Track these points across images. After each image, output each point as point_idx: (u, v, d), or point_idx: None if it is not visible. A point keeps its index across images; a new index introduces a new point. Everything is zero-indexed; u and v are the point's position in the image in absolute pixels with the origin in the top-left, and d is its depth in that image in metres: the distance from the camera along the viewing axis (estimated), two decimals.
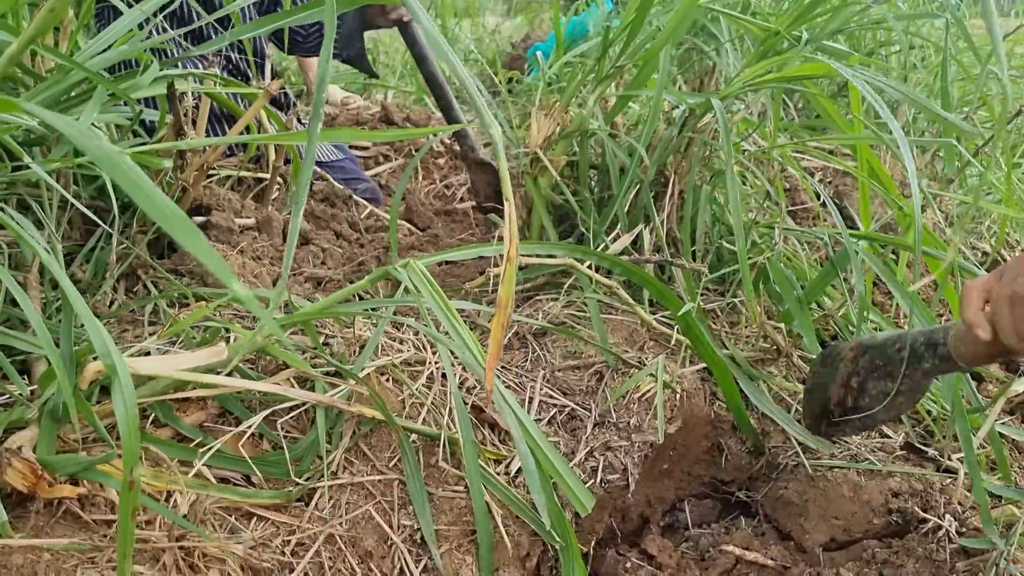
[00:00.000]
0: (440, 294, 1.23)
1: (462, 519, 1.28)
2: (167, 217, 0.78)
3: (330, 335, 1.48)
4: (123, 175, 0.83)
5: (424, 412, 1.38)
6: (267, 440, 1.27)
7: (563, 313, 1.71)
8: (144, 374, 1.13)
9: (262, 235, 1.86)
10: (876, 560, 1.43)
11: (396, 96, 3.84)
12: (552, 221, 1.89)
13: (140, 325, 1.46)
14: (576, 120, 1.77)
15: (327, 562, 1.17)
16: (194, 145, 1.54)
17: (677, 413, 1.61)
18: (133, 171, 0.83)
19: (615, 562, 1.55)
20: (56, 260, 1.27)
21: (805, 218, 2.52)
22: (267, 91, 1.70)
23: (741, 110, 1.86)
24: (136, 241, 1.60)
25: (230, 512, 1.16)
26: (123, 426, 0.90)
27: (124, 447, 0.89)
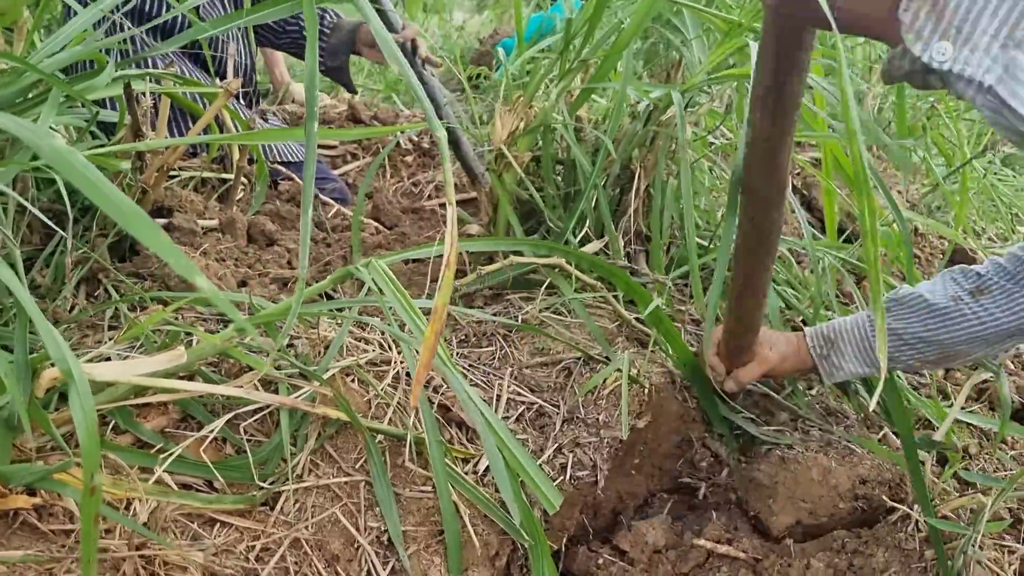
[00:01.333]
0: (403, 293, 1.22)
1: (430, 519, 1.27)
2: (125, 215, 0.76)
3: (295, 336, 1.46)
4: (78, 175, 0.81)
5: (390, 412, 1.37)
6: (230, 444, 1.25)
7: (532, 311, 1.70)
8: (102, 380, 1.11)
9: (226, 236, 1.84)
10: (846, 550, 1.43)
11: (363, 94, 3.81)
12: (518, 217, 1.88)
13: (100, 330, 1.43)
14: (540, 115, 1.76)
15: (292, 567, 1.15)
16: (152, 146, 1.52)
17: (646, 408, 1.61)
18: (88, 170, 0.81)
19: (587, 559, 1.54)
20: (10, 266, 1.24)
21: None
22: (227, 90, 1.68)
23: (705, 103, 1.85)
24: (96, 245, 1.57)
25: (192, 519, 1.14)
26: (82, 432, 0.88)
27: (84, 453, 0.87)
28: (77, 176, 0.80)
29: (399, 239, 2.24)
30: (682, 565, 1.53)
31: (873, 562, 1.38)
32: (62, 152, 0.82)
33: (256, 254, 1.84)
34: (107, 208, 0.76)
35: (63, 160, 0.82)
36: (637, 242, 1.84)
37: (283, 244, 1.93)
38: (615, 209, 1.84)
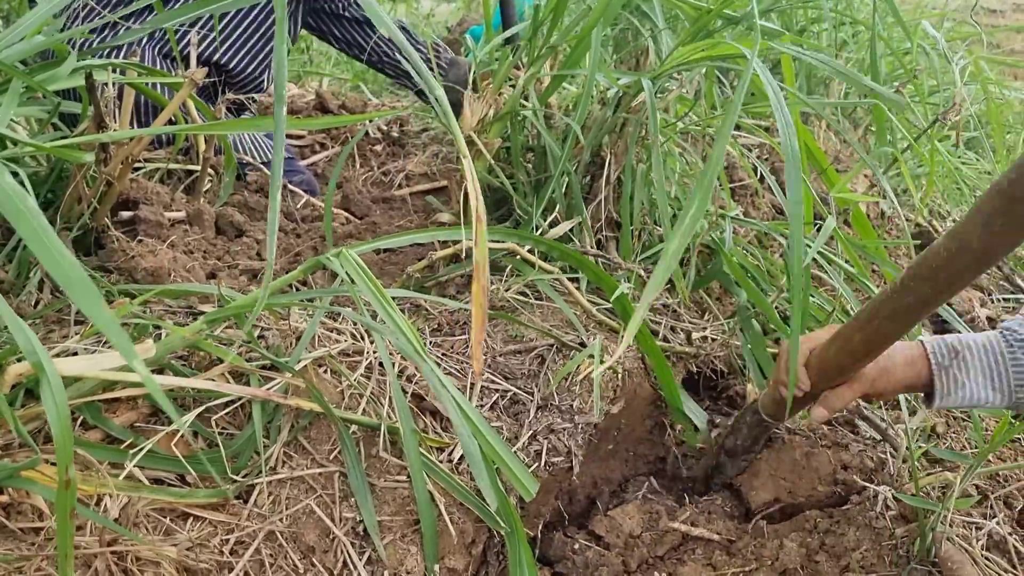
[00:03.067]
0: (374, 282, 1.21)
1: (405, 509, 1.26)
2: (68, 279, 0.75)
3: (265, 328, 1.45)
4: (26, 225, 0.80)
5: (364, 403, 1.36)
6: (202, 438, 1.24)
7: (504, 297, 1.70)
8: (69, 375, 1.09)
9: (193, 228, 1.82)
10: (818, 530, 1.45)
11: (331, 83, 3.78)
12: (488, 204, 1.88)
13: (66, 325, 1.41)
14: (509, 102, 1.75)
15: (268, 559, 1.15)
16: (116, 137, 1.49)
17: (620, 394, 1.62)
18: (35, 221, 0.80)
19: (563, 544, 1.54)
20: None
21: (744, 195, 2.54)
22: (192, 79, 1.65)
23: (674, 89, 1.86)
24: (60, 239, 1.54)
25: (165, 514, 1.13)
26: (55, 425, 0.86)
27: (57, 445, 0.85)
28: (25, 226, 0.79)
29: (370, 228, 2.23)
30: (657, 548, 1.54)
31: (845, 541, 1.39)
32: (10, 195, 0.80)
33: (225, 245, 1.82)
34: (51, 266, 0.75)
35: (11, 205, 0.80)
36: (608, 229, 1.84)
37: (252, 235, 1.91)
38: (586, 196, 1.84)
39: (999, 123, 3.14)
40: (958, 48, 3.28)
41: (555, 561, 1.53)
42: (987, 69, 3.29)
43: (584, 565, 1.49)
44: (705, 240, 1.89)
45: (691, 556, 1.52)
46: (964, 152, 3.37)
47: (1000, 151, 3.34)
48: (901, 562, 1.34)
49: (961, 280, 1.08)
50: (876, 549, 1.37)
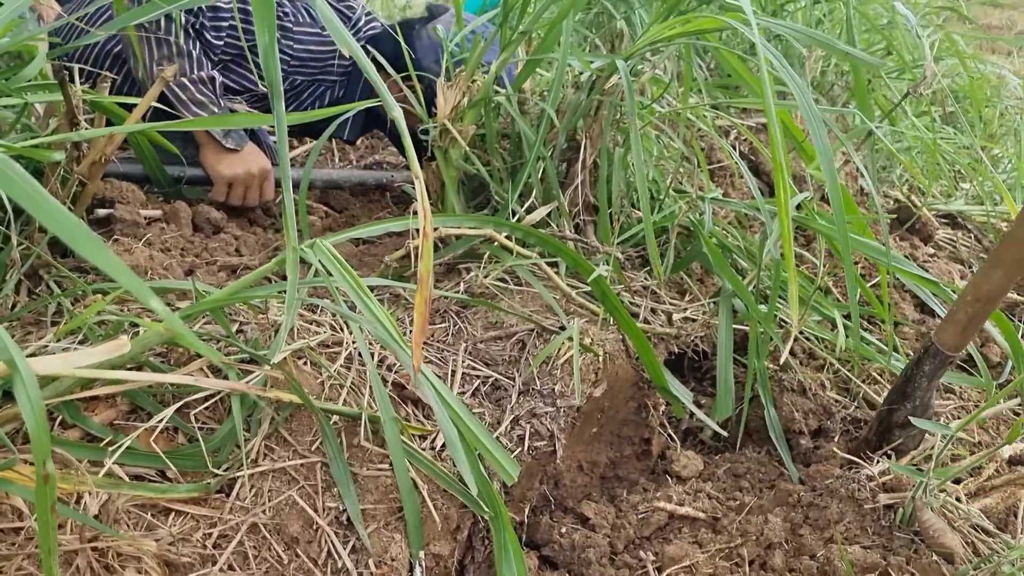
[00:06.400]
0: (350, 272, 1.21)
1: (389, 497, 1.26)
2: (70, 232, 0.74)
3: (244, 322, 1.44)
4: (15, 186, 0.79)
5: (344, 393, 1.36)
6: (182, 433, 1.24)
7: (484, 284, 1.70)
8: (43, 374, 1.09)
9: (170, 226, 1.81)
10: (802, 503, 1.46)
11: None
12: (467, 193, 1.87)
13: (44, 326, 1.40)
14: (482, 89, 1.75)
15: (251, 551, 1.15)
16: (88, 136, 1.48)
17: (602, 376, 1.62)
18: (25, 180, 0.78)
19: (549, 528, 1.55)
20: None
21: (723, 176, 2.54)
22: (163, 78, 1.65)
23: (647, 70, 1.85)
24: (36, 241, 1.54)
25: (146, 509, 1.13)
26: (30, 420, 0.86)
27: (33, 439, 0.85)
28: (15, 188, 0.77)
29: (349, 222, 2.23)
30: (644, 529, 1.55)
31: (828, 513, 1.40)
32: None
33: (203, 243, 1.82)
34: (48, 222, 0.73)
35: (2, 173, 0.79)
36: (586, 213, 1.84)
37: (230, 232, 1.90)
38: (563, 181, 1.84)
39: (977, 97, 3.15)
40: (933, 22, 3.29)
41: (542, 545, 1.54)
42: (962, 43, 3.30)
43: (571, 548, 1.50)
44: (684, 222, 1.89)
45: (677, 535, 1.53)
46: (943, 128, 3.38)
47: (978, 125, 3.36)
48: (884, 532, 1.35)
49: None
50: (859, 520, 1.38)
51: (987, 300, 1.44)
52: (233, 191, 1.98)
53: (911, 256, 2.50)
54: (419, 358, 1.01)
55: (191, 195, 1.98)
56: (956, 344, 1.49)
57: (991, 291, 1.44)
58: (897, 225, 2.68)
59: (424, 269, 0.96)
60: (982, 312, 1.46)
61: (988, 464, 1.51)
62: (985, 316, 1.47)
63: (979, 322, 1.48)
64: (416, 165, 1.01)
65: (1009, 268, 1.41)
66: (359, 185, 2.36)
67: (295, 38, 2.06)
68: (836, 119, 3.19)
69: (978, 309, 1.45)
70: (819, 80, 3.12)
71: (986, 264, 1.44)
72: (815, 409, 1.83)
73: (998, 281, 1.43)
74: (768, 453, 1.81)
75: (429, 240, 0.97)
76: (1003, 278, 1.42)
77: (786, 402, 1.82)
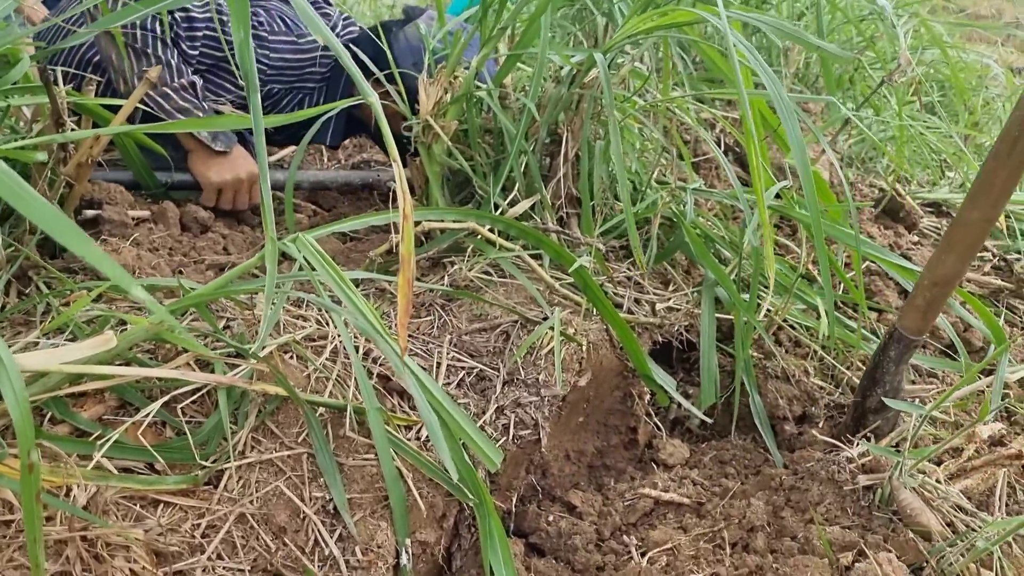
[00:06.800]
0: (332, 265, 1.23)
1: (374, 486, 1.28)
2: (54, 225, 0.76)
3: (231, 318, 1.47)
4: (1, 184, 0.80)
5: (330, 386, 1.38)
6: (170, 427, 1.26)
7: (468, 277, 1.72)
8: (29, 368, 1.11)
9: (158, 226, 1.83)
10: (783, 487, 1.48)
11: None
12: (451, 188, 1.89)
13: (33, 327, 1.42)
14: (463, 84, 1.77)
15: (239, 541, 1.17)
16: (73, 137, 1.50)
17: (586, 366, 1.64)
18: (10, 177, 0.80)
19: (536, 516, 1.57)
20: None
21: (708, 168, 2.57)
22: (147, 79, 1.67)
23: (626, 62, 1.88)
24: (25, 242, 1.55)
25: (135, 501, 1.15)
26: (13, 410, 0.88)
27: (17, 429, 0.87)
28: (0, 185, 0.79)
29: (337, 220, 2.24)
30: (630, 516, 1.57)
31: (809, 496, 1.42)
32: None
33: (190, 242, 1.84)
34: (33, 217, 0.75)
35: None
36: (569, 205, 1.86)
37: (217, 231, 1.92)
38: (545, 175, 1.87)
39: (959, 85, 3.17)
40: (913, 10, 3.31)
41: (529, 533, 1.56)
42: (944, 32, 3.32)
43: (558, 535, 1.52)
44: (666, 212, 1.91)
45: (662, 521, 1.55)
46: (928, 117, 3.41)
47: (962, 114, 3.39)
48: (863, 512, 1.37)
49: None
50: (839, 502, 1.40)
51: (944, 283, 1.47)
52: (223, 196, 2.01)
53: (895, 244, 2.52)
54: (404, 339, 1.03)
55: (179, 197, 2.00)
56: (919, 328, 1.52)
57: (946, 275, 1.46)
58: (883, 215, 2.70)
59: (406, 250, 0.98)
60: (940, 296, 1.49)
61: (968, 445, 1.53)
62: (943, 299, 1.50)
63: (938, 305, 1.51)
64: (395, 151, 1.03)
65: (962, 251, 1.44)
66: (346, 185, 2.38)
67: (271, 47, 2.08)
68: (821, 110, 3.22)
69: (936, 293, 1.48)
70: (803, 72, 3.15)
71: (939, 249, 1.47)
72: (799, 396, 1.85)
73: (952, 265, 1.45)
74: (754, 440, 1.84)
75: (410, 221, 0.99)
76: (957, 261, 1.45)
77: (771, 389, 1.84)
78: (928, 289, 1.48)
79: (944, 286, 1.47)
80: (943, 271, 1.46)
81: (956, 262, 1.45)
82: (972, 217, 1.41)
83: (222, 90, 2.07)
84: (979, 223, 1.41)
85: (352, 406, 1.33)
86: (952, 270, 1.45)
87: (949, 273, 1.46)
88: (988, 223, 1.41)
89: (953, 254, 1.45)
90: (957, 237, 1.44)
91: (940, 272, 1.47)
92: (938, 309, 1.51)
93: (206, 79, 2.04)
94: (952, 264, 1.45)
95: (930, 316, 1.51)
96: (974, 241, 1.43)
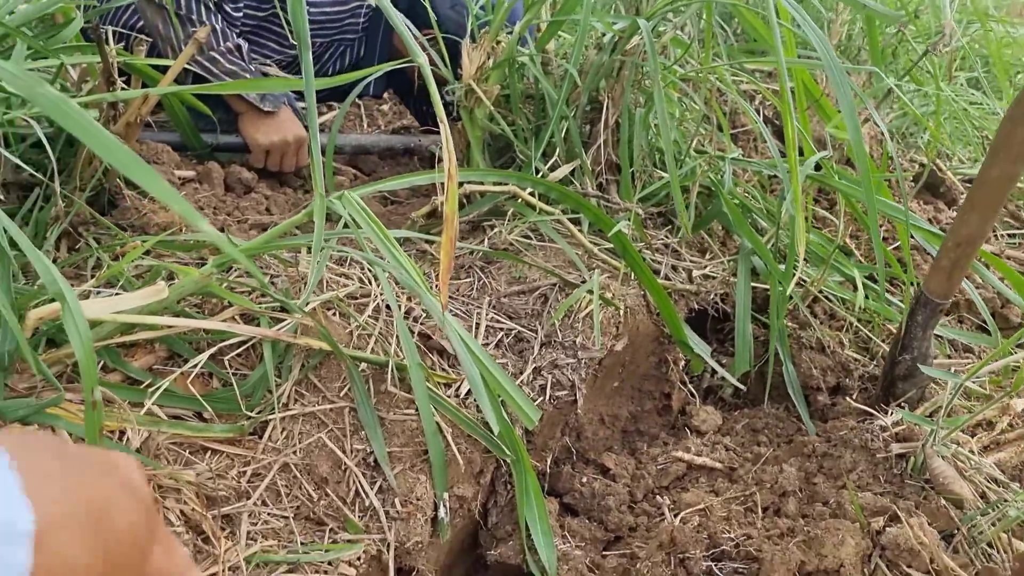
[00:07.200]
0: (376, 221, 1.25)
1: (414, 440, 1.31)
2: (124, 161, 0.78)
3: (274, 275, 1.50)
4: (73, 122, 0.83)
5: (372, 342, 1.41)
6: (217, 378, 1.30)
7: (508, 240, 1.74)
8: (86, 317, 1.14)
9: (203, 186, 1.86)
10: (816, 454, 1.49)
11: None
12: (492, 154, 1.91)
13: (84, 280, 1.46)
14: (506, 49, 1.78)
15: (283, 489, 1.20)
16: (122, 96, 1.53)
17: (622, 330, 1.66)
18: (83, 118, 0.83)
19: (571, 477, 1.59)
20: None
21: (747, 140, 2.56)
22: (196, 39, 1.69)
23: (667, 30, 1.88)
24: (74, 200, 1.59)
25: (184, 447, 1.19)
26: (79, 350, 0.91)
27: (82, 368, 0.91)
28: (73, 124, 0.82)
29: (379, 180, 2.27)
30: (663, 479, 1.59)
31: (841, 463, 1.43)
32: (56, 100, 0.84)
33: (234, 202, 1.87)
34: (106, 155, 0.77)
35: (58, 108, 0.83)
36: (608, 172, 1.87)
37: (260, 191, 1.95)
38: (586, 141, 1.88)
39: (1000, 60, 3.12)
40: None
41: (563, 493, 1.59)
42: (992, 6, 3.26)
43: (591, 495, 1.54)
44: (704, 181, 1.91)
45: (695, 484, 1.57)
46: (971, 92, 3.36)
47: (1006, 90, 3.33)
48: (895, 480, 1.38)
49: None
50: (871, 469, 1.41)
51: (967, 244, 1.48)
52: (270, 158, 2.05)
53: (934, 219, 2.51)
54: (446, 294, 1.05)
55: (224, 158, 2.04)
56: (944, 291, 1.53)
57: (970, 235, 1.47)
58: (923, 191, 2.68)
59: (449, 209, 1.00)
60: (964, 257, 1.50)
61: (1001, 418, 1.53)
62: (968, 261, 1.51)
63: (963, 267, 1.52)
64: (442, 111, 1.05)
65: (984, 210, 1.45)
66: (387, 150, 2.40)
67: (311, 1, 2.10)
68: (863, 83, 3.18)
69: (960, 254, 1.49)
70: (845, 44, 3.11)
71: (962, 209, 1.49)
72: (833, 366, 1.86)
73: (975, 225, 1.46)
74: (787, 409, 1.84)
75: (454, 181, 1.01)
76: (979, 221, 1.46)
77: (804, 359, 1.85)
78: (952, 251, 1.49)
79: (968, 246, 1.48)
80: (966, 231, 1.47)
81: (979, 222, 1.46)
82: (992, 175, 1.42)
83: (266, 50, 2.10)
84: (999, 180, 1.42)
85: (393, 362, 1.36)
86: (975, 230, 1.47)
87: (973, 233, 1.47)
88: (1009, 180, 1.42)
89: (975, 213, 1.46)
90: (979, 196, 1.45)
91: (964, 233, 1.48)
92: (963, 271, 1.52)
93: (249, 41, 2.07)
94: (975, 224, 1.46)
95: (955, 278, 1.52)
96: (995, 200, 1.44)
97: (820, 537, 1.26)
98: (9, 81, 0.84)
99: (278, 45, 2.10)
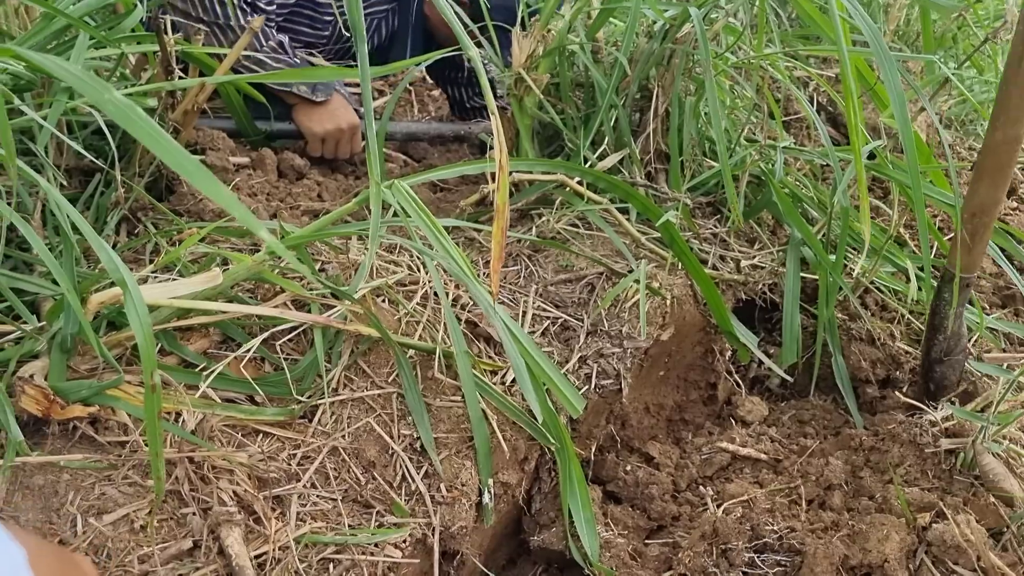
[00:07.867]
0: (425, 210, 1.27)
1: (460, 426, 1.33)
2: (189, 169, 0.80)
3: (325, 261, 1.52)
4: (141, 129, 0.85)
5: (420, 329, 1.43)
6: (268, 363, 1.33)
7: (555, 228, 1.75)
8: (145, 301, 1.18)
9: (256, 172, 1.90)
10: (863, 447, 1.48)
11: None
12: (541, 142, 1.91)
13: (142, 264, 1.50)
14: (556, 37, 1.78)
15: (332, 472, 1.23)
16: (180, 85, 1.57)
17: (669, 320, 1.66)
18: (149, 124, 0.85)
19: (615, 465, 1.60)
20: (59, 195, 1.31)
21: (799, 128, 2.53)
22: (251, 28, 1.72)
23: (720, 17, 1.86)
24: (133, 186, 1.64)
25: (236, 430, 1.22)
26: (139, 334, 0.94)
27: (142, 351, 0.93)
28: (139, 130, 0.84)
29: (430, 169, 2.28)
30: (707, 469, 1.59)
31: (889, 457, 1.42)
32: (123, 107, 0.86)
33: (287, 188, 1.90)
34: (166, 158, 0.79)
35: (124, 115, 0.86)
36: (658, 161, 1.87)
37: (312, 178, 1.99)
38: (635, 130, 1.87)
39: None
40: None
41: (607, 481, 1.60)
42: None
43: (635, 484, 1.55)
44: (754, 171, 1.90)
45: (739, 475, 1.57)
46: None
47: None
48: (944, 475, 1.37)
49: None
50: (919, 464, 1.40)
51: (982, 212, 1.47)
52: (325, 146, 2.09)
53: None
54: (496, 284, 1.07)
55: (277, 145, 2.07)
56: (967, 264, 1.51)
57: (983, 203, 1.46)
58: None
59: (501, 200, 1.02)
60: (982, 227, 1.48)
61: None
62: (986, 231, 1.49)
63: (983, 237, 1.50)
64: (492, 102, 1.06)
65: (993, 176, 1.44)
66: (438, 137, 2.42)
67: None
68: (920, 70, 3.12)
69: (976, 224, 1.48)
70: (903, 30, 3.04)
71: (972, 179, 1.48)
72: (883, 359, 1.84)
73: (986, 192, 1.46)
74: (834, 401, 1.83)
75: (506, 171, 1.02)
76: (990, 187, 1.45)
77: (854, 351, 1.83)
78: (968, 222, 1.48)
79: (983, 215, 1.47)
80: (979, 200, 1.47)
81: (989, 188, 1.45)
82: (996, 140, 1.41)
83: (303, 36, 2.12)
84: (1003, 144, 1.41)
85: (441, 349, 1.38)
86: (988, 198, 1.46)
87: (986, 201, 1.46)
88: (1013, 143, 1.41)
89: (985, 181, 1.45)
90: (986, 163, 1.44)
91: (976, 202, 1.47)
92: (984, 242, 1.51)
93: (285, 29, 2.09)
94: (986, 191, 1.45)
95: (977, 250, 1.51)
96: (1003, 165, 1.43)
97: (864, 532, 1.26)
98: (78, 87, 0.86)
99: (311, 28, 2.13)
